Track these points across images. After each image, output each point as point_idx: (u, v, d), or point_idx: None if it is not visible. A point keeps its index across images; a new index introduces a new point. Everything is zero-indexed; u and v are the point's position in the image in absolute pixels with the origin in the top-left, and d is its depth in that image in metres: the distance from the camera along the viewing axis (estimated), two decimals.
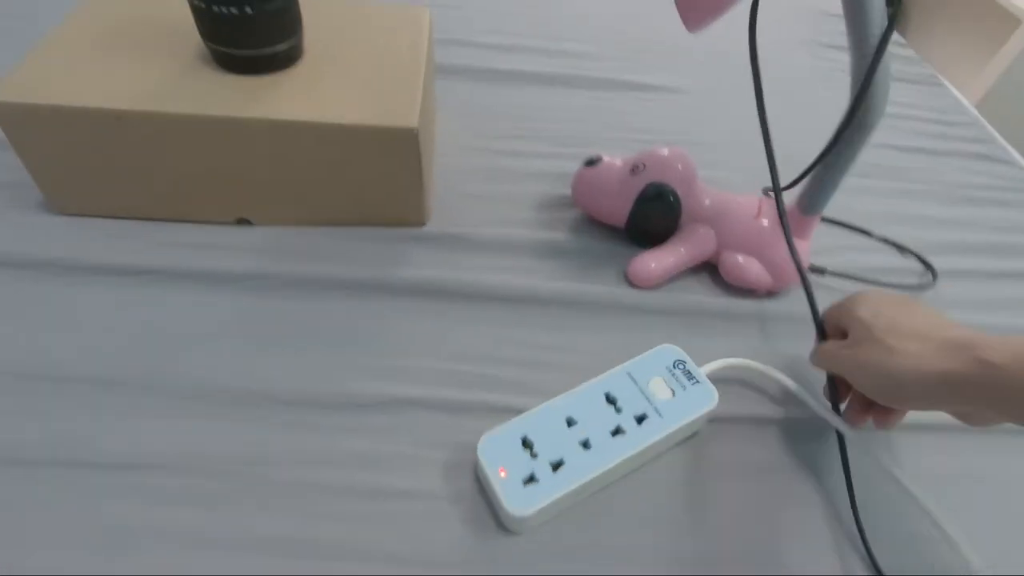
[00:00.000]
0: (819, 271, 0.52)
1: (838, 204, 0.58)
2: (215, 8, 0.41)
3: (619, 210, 0.51)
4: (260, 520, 0.34)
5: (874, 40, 0.37)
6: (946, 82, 0.84)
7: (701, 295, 0.50)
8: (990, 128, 0.77)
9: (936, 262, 0.55)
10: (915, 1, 1.77)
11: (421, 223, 0.51)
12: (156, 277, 0.44)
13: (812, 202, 0.46)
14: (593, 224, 0.54)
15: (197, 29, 0.44)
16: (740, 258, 0.49)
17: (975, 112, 0.79)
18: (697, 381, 0.40)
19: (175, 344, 0.41)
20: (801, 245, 0.48)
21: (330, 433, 0.38)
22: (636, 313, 0.48)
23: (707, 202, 0.50)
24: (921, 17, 1.75)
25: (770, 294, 0.51)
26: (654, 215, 0.50)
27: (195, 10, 0.42)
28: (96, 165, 0.44)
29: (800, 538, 0.37)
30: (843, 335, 0.38)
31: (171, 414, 0.38)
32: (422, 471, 0.37)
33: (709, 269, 0.52)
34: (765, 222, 0.49)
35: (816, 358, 0.40)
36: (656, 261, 0.50)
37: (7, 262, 0.44)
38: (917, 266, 0.56)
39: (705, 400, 0.39)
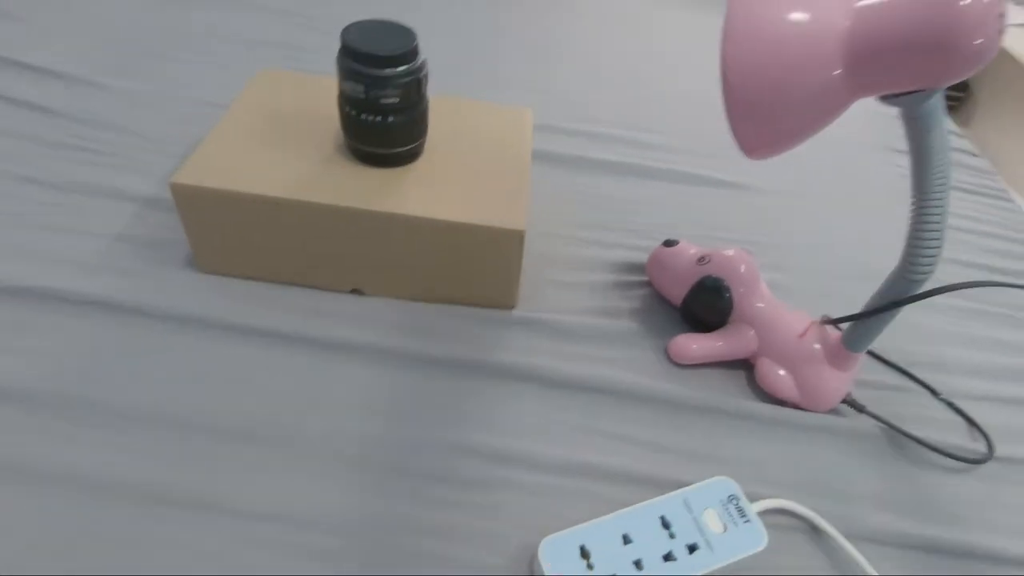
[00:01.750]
0: (857, 407, 0.52)
1: (901, 321, 0.60)
2: (363, 116, 0.48)
3: (680, 292, 0.56)
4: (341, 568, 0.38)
5: (930, 198, 0.39)
6: (1016, 198, 0.86)
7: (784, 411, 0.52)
8: None
9: (1004, 389, 0.55)
10: (982, 92, 1.78)
11: (511, 307, 0.56)
12: (278, 338, 0.50)
13: (857, 340, 0.49)
14: (663, 312, 0.58)
15: (341, 127, 0.51)
16: (773, 368, 0.52)
17: None
18: (748, 520, 0.42)
19: (294, 402, 0.46)
20: (843, 376, 0.51)
21: (422, 503, 0.42)
22: (712, 414, 0.51)
23: (759, 305, 0.54)
24: (987, 109, 1.75)
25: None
26: (705, 304, 0.54)
27: (344, 115, 0.49)
28: (243, 237, 0.51)
29: None
30: None
31: (293, 468, 0.43)
32: (493, 550, 0.40)
33: None
34: (807, 343, 0.51)
35: None
36: (697, 344, 0.54)
37: (154, 312, 0.50)
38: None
39: (755, 541, 0.41)
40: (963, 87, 2.07)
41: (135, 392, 0.45)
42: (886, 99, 0.36)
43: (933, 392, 0.56)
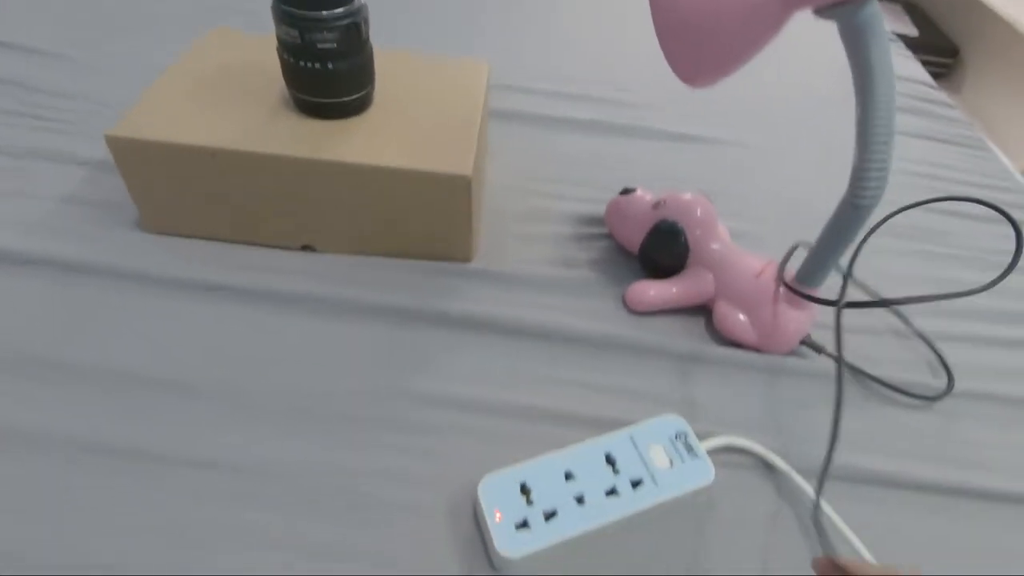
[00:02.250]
0: (816, 348, 0.51)
1: (870, 264, 0.60)
2: (301, 63, 0.47)
3: (638, 240, 0.55)
4: (293, 523, 0.38)
5: (875, 118, 0.38)
6: (994, 147, 0.84)
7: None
8: None
9: (969, 328, 0.54)
10: (972, 56, 1.75)
11: (467, 259, 0.55)
12: (227, 294, 0.49)
13: (811, 276, 0.48)
14: (623, 263, 0.58)
15: (284, 78, 0.50)
16: (731, 311, 0.51)
17: (1020, 179, 0.79)
18: (696, 456, 0.41)
19: (241, 356, 0.46)
20: (801, 316, 0.50)
21: (368, 448, 0.42)
22: (662, 356, 0.51)
23: (715, 247, 0.53)
24: (977, 74, 1.73)
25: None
26: (660, 247, 0.54)
27: (283, 63, 0.48)
28: (187, 192, 0.50)
29: None
30: None
31: (239, 420, 0.42)
32: (438, 492, 0.40)
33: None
34: (764, 282, 0.50)
35: None
36: (655, 290, 0.53)
37: (102, 271, 0.50)
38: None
39: (702, 476, 0.40)
40: (953, 53, 2.04)
41: (80, 347, 0.45)
42: (820, 13, 0.35)
43: (906, 321, 0.56)
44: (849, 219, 0.42)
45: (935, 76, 1.02)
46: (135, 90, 0.51)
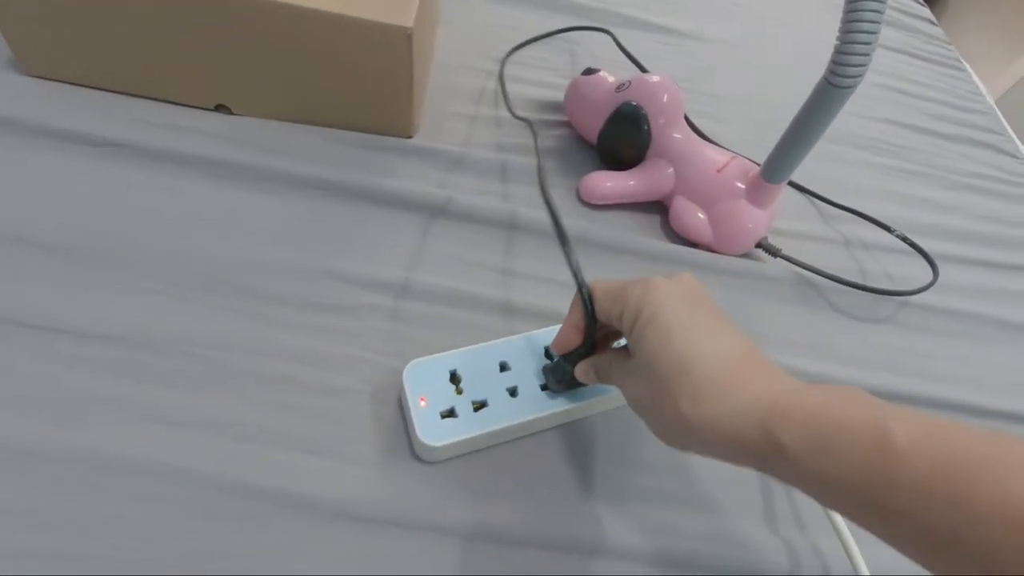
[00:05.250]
0: (771, 251, 0.48)
1: (832, 175, 0.57)
2: None
3: (597, 125, 0.50)
4: (200, 400, 0.34)
5: None
6: (968, 67, 0.81)
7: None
8: (1004, 121, 0.75)
9: (928, 246, 0.53)
10: None
11: (408, 135, 0.49)
12: (123, 151, 0.43)
13: (776, 169, 0.44)
14: (580, 153, 0.53)
15: None
16: (689, 208, 0.48)
17: (991, 101, 0.77)
18: None
19: (137, 220, 0.40)
20: (760, 215, 0.47)
21: (285, 327, 0.37)
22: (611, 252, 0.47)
23: (677, 136, 0.49)
24: (958, 2, 1.69)
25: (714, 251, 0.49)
26: (620, 134, 0.49)
27: None
28: (69, 25, 0.42)
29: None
30: (616, 332, 0.33)
31: (133, 290, 0.37)
32: (361, 376, 0.36)
33: None
34: (726, 177, 0.47)
35: (586, 374, 0.34)
36: (612, 181, 0.49)
37: None
38: (908, 261, 0.53)
39: None
40: None
41: None
42: None
43: (887, 228, 0.53)
44: (826, 101, 0.38)
45: None
46: None
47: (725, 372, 0.27)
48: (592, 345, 0.33)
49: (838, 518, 0.34)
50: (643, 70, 0.58)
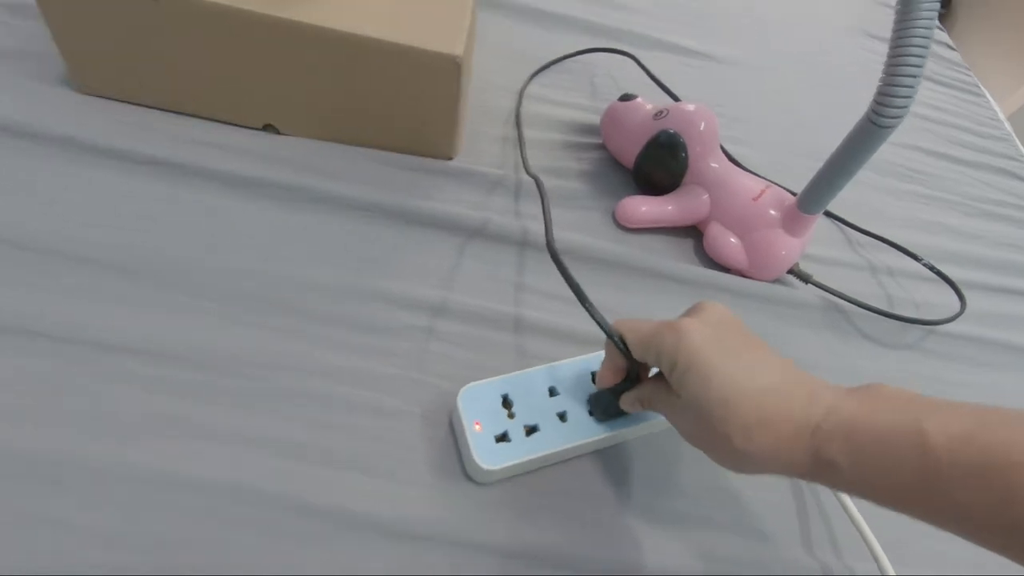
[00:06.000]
0: (802, 277, 0.49)
1: (858, 201, 0.58)
2: None
3: (634, 151, 0.51)
4: (256, 419, 0.35)
5: (913, 39, 0.34)
6: (987, 93, 0.83)
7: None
8: (1021, 147, 0.77)
9: (952, 273, 0.54)
10: (964, 2, 1.73)
11: (449, 157, 0.50)
12: (171, 170, 0.43)
13: (813, 201, 0.45)
14: (615, 175, 0.54)
15: None
16: (723, 233, 0.49)
17: (1009, 128, 0.78)
18: None
19: (184, 239, 0.41)
20: (794, 243, 0.48)
21: (333, 347, 0.38)
22: (653, 277, 0.48)
23: (714, 166, 0.50)
24: (968, 19, 1.71)
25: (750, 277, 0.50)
26: (658, 161, 0.50)
27: None
28: (125, 45, 0.43)
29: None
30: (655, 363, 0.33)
31: (186, 308, 0.38)
32: (408, 397, 0.37)
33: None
34: (761, 206, 0.48)
35: (632, 406, 0.35)
36: (647, 206, 0.50)
37: (22, 132, 0.43)
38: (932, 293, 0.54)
39: None
40: (945, 2, 2.01)
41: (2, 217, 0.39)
42: None
43: (915, 257, 0.54)
44: (867, 139, 0.40)
45: None
46: None
47: (770, 404, 0.28)
48: (636, 378, 0.35)
49: (876, 545, 0.35)
50: (670, 93, 0.59)
